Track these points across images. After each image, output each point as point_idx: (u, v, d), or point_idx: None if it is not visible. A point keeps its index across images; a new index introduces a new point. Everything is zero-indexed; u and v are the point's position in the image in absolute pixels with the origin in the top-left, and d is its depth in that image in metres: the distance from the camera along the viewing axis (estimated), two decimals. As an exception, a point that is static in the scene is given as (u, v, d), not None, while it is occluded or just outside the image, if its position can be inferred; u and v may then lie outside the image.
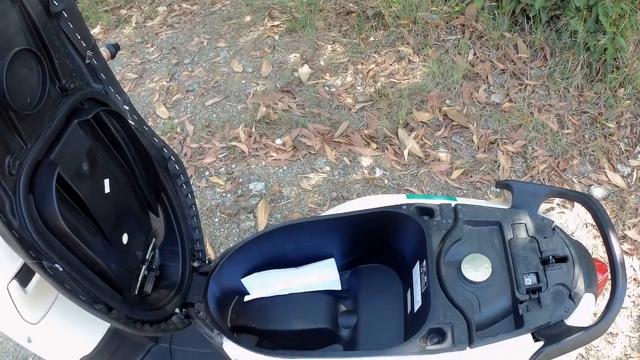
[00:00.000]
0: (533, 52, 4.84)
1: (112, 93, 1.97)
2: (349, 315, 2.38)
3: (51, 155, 1.58)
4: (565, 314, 1.83)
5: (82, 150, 1.75)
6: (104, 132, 1.91)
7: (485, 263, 1.96)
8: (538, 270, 1.91)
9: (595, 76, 4.63)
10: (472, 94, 4.52)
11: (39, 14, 1.62)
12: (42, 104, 1.55)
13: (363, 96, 4.48)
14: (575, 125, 4.40)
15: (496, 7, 4.93)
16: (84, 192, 1.68)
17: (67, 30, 1.75)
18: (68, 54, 1.79)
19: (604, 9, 4.33)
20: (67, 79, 1.74)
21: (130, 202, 2.04)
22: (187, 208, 2.35)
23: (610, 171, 4.14)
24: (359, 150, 4.06)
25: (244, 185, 3.93)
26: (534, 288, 1.87)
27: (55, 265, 1.51)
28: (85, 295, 1.61)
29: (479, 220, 2.11)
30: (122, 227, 1.94)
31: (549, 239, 2.00)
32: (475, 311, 1.87)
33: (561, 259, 1.95)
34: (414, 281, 2.17)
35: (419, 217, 2.16)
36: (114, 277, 1.80)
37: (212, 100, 4.56)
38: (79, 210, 1.70)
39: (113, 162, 1.96)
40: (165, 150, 2.23)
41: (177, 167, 2.29)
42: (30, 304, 1.67)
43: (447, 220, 2.12)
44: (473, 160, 4.10)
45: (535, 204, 2.14)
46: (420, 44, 4.87)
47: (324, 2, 5.35)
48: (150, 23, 5.62)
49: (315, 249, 2.45)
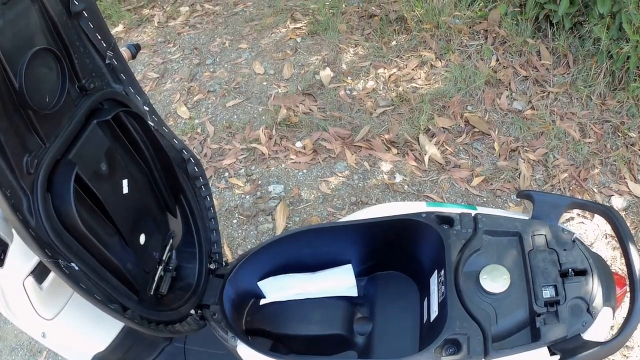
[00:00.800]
0: (556, 59, 4.82)
1: (132, 94, 1.98)
2: (364, 322, 2.37)
3: (70, 155, 1.59)
4: (583, 328, 1.82)
5: (101, 151, 1.76)
6: (123, 132, 1.92)
7: (504, 274, 1.95)
8: (557, 282, 1.90)
9: (618, 84, 4.60)
10: (494, 100, 4.50)
11: (59, 13, 1.63)
12: (61, 103, 1.56)
13: (384, 100, 4.47)
14: (597, 134, 4.37)
15: (519, 13, 4.91)
16: (101, 192, 1.70)
17: (88, 30, 1.76)
18: (88, 53, 1.79)
19: (627, 17, 4.30)
20: (87, 78, 1.75)
21: (148, 203, 2.05)
22: (205, 210, 2.36)
23: (631, 181, 4.11)
24: (379, 155, 4.05)
25: (263, 187, 3.93)
26: (552, 301, 1.86)
27: (72, 264, 1.52)
28: (100, 295, 1.62)
29: (499, 230, 2.10)
30: (140, 228, 1.96)
31: (568, 251, 1.98)
32: (492, 323, 1.87)
33: (580, 272, 1.93)
34: (432, 290, 2.16)
35: (438, 226, 2.15)
36: (130, 277, 1.81)
37: (233, 102, 4.56)
38: (97, 210, 1.72)
39: (132, 163, 1.97)
40: (185, 151, 2.23)
41: (196, 169, 2.29)
42: (46, 301, 1.70)
43: (466, 230, 2.11)
44: (494, 167, 4.08)
45: (555, 215, 2.12)
46: (443, 49, 4.86)
47: (346, 5, 5.35)
48: (172, 23, 5.63)
49: (332, 254, 2.45)
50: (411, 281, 2.46)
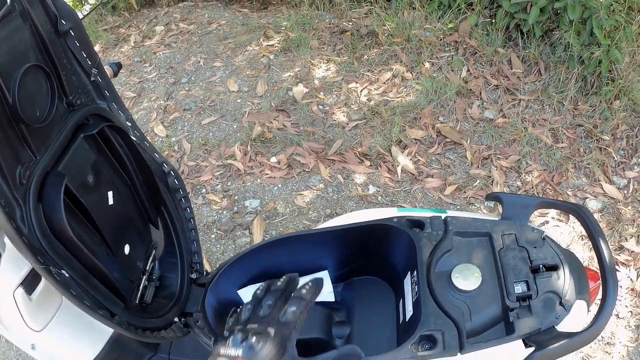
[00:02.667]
0: (527, 66, 4.87)
1: (115, 109, 2.01)
2: (342, 326, 2.39)
3: (59, 167, 1.62)
4: (556, 320, 1.86)
5: (88, 163, 1.80)
6: (108, 146, 1.95)
7: (475, 272, 1.98)
8: (528, 278, 1.93)
9: (590, 89, 4.66)
10: (465, 110, 4.55)
11: (48, 32, 1.67)
12: (50, 118, 1.60)
13: (357, 114, 4.50)
14: (570, 138, 4.42)
15: (490, 23, 4.97)
16: (89, 202, 1.72)
17: (74, 49, 1.79)
18: (74, 71, 1.83)
19: (598, 22, 4.36)
20: (74, 95, 1.78)
21: (131, 215, 2.07)
22: (186, 221, 2.39)
23: (606, 183, 4.16)
24: (352, 167, 4.09)
25: (239, 202, 3.95)
26: (524, 296, 1.89)
27: (62, 271, 1.54)
28: (89, 301, 1.64)
29: (469, 231, 2.14)
30: (124, 238, 1.98)
31: (539, 249, 2.03)
32: (466, 319, 1.90)
33: (551, 267, 1.97)
34: (406, 291, 2.19)
35: (409, 229, 2.18)
36: (116, 285, 1.83)
37: (208, 119, 4.58)
38: (84, 220, 1.74)
39: (116, 176, 2.00)
40: (165, 165, 2.26)
41: (176, 182, 2.32)
42: (35, 312, 1.71)
43: (437, 232, 2.15)
44: (467, 176, 4.12)
45: (525, 215, 2.17)
46: (414, 62, 4.90)
47: (318, 21, 5.39)
48: (148, 42, 5.66)
49: (309, 261, 2.47)
50: (386, 285, 2.49)
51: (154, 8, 6.28)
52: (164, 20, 5.98)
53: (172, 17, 6.01)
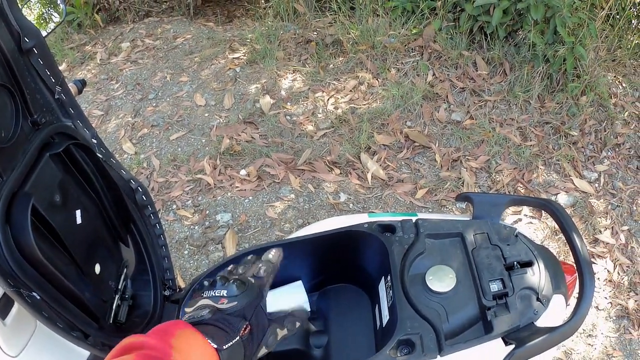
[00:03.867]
0: (492, 68, 4.91)
1: (80, 127, 1.99)
2: (319, 336, 2.37)
3: (25, 187, 1.59)
4: (535, 316, 1.86)
5: (55, 182, 1.77)
6: (74, 164, 1.93)
7: (450, 274, 1.98)
8: (503, 276, 1.93)
9: (556, 86, 4.71)
10: (432, 114, 4.57)
11: (12, 50, 1.64)
12: (15, 138, 1.57)
13: (324, 123, 4.51)
14: (538, 136, 4.46)
15: (453, 27, 5.00)
16: (57, 222, 1.69)
17: (37, 67, 1.77)
18: (38, 89, 1.80)
19: (561, 20, 4.40)
20: (38, 113, 1.75)
21: (101, 233, 2.05)
22: (156, 238, 2.37)
23: (577, 178, 4.21)
24: (322, 176, 4.09)
25: (211, 216, 3.94)
26: (500, 294, 1.90)
27: (33, 293, 1.51)
28: (62, 323, 1.61)
29: (441, 233, 2.14)
30: (94, 258, 1.95)
31: (512, 246, 2.03)
32: (443, 321, 1.89)
33: (526, 263, 1.98)
34: (381, 296, 2.19)
35: (381, 234, 2.18)
36: (89, 305, 1.81)
37: (176, 135, 4.57)
38: (53, 240, 1.71)
39: (83, 194, 1.97)
40: (133, 181, 2.24)
41: (144, 198, 2.30)
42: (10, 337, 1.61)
43: (408, 235, 2.15)
44: (437, 178, 4.14)
45: (496, 213, 2.18)
46: (379, 68, 4.93)
47: (282, 32, 5.40)
48: (114, 59, 5.64)
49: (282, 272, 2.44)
50: (361, 291, 2.48)
51: (119, 25, 6.26)
52: (129, 36, 5.96)
53: (137, 33, 6.00)
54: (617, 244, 3.93)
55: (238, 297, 1.35)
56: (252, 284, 1.42)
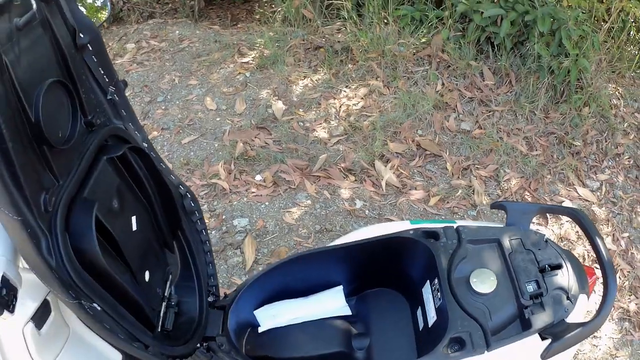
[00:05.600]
0: (499, 78, 4.99)
1: (132, 130, 1.97)
2: (361, 338, 2.47)
3: (84, 193, 1.57)
4: (565, 313, 2.03)
5: (112, 187, 1.77)
6: (127, 168, 1.92)
7: (491, 276, 2.13)
8: (537, 278, 2.10)
9: (560, 98, 4.81)
10: (442, 123, 4.65)
11: (69, 45, 1.61)
12: (73, 139, 1.55)
13: (337, 130, 4.57)
14: (543, 146, 4.56)
15: (461, 37, 5.08)
16: (115, 229, 1.69)
17: (91, 64, 1.74)
18: (92, 88, 1.77)
19: (567, 33, 4.51)
20: (93, 114, 1.72)
21: (150, 240, 2.07)
22: (201, 244, 2.38)
23: (580, 187, 4.33)
24: (337, 183, 4.15)
25: (227, 221, 3.96)
26: (536, 294, 2.06)
27: (94, 304, 1.49)
28: (123, 334, 1.62)
29: (480, 239, 2.29)
30: (145, 265, 1.96)
31: (543, 250, 2.20)
32: (487, 319, 2.04)
33: (556, 266, 2.15)
34: (426, 299, 2.30)
35: (426, 240, 2.31)
36: (148, 314, 1.83)
37: (188, 138, 4.58)
38: (109, 248, 1.70)
39: (136, 200, 1.98)
40: (182, 187, 2.25)
41: (192, 204, 2.31)
42: (43, 348, 1.59)
43: (451, 241, 2.29)
44: (448, 186, 4.23)
45: (527, 220, 2.33)
46: (390, 77, 4.99)
47: (291, 38, 5.44)
48: (120, 60, 5.61)
49: (323, 277, 2.56)
50: (399, 295, 2.60)
51: (123, 25, 6.26)
52: (134, 37, 5.96)
53: (142, 34, 5.99)
54: (618, 250, 4.07)
55: None
56: None
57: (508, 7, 4.76)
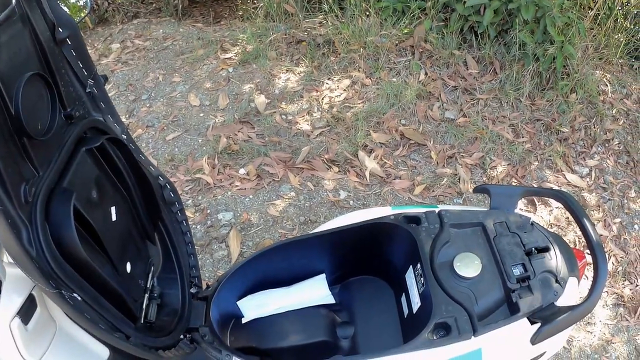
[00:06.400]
0: (483, 67, 4.98)
1: (111, 122, 1.97)
2: (346, 327, 2.45)
3: (64, 183, 1.57)
4: (555, 297, 2.00)
5: (91, 178, 1.76)
6: (106, 160, 1.91)
7: (475, 260, 2.09)
8: (524, 261, 2.07)
9: (546, 84, 4.79)
10: (426, 112, 4.63)
11: (47, 39, 1.62)
12: (52, 130, 1.55)
13: (320, 122, 4.55)
14: (530, 133, 4.54)
15: (444, 27, 5.06)
16: (95, 219, 1.68)
17: (70, 58, 1.75)
18: (71, 82, 1.78)
19: (551, 20, 4.49)
20: (72, 106, 1.73)
21: (131, 231, 2.05)
22: (182, 235, 2.37)
23: (569, 173, 4.30)
24: (321, 174, 4.13)
25: (212, 215, 3.95)
26: (522, 277, 2.02)
27: (74, 294, 1.49)
28: (104, 325, 1.61)
29: (463, 222, 2.25)
30: (126, 256, 1.95)
31: (529, 233, 2.16)
32: (473, 304, 2.00)
33: (543, 249, 2.12)
34: (409, 285, 2.27)
35: (407, 225, 2.28)
36: (129, 305, 1.82)
37: (172, 135, 4.57)
38: (89, 238, 1.69)
39: (116, 191, 1.97)
40: (161, 178, 2.24)
41: (172, 195, 2.30)
42: (31, 342, 1.58)
43: (434, 226, 2.25)
44: (433, 175, 4.21)
45: (511, 203, 2.30)
46: (372, 68, 4.98)
47: (273, 32, 5.41)
48: (105, 60, 5.61)
49: (306, 266, 2.53)
50: (383, 282, 2.58)
51: (108, 26, 6.24)
52: (119, 37, 5.94)
53: (127, 34, 5.98)
54: (610, 235, 4.05)
55: None
56: None
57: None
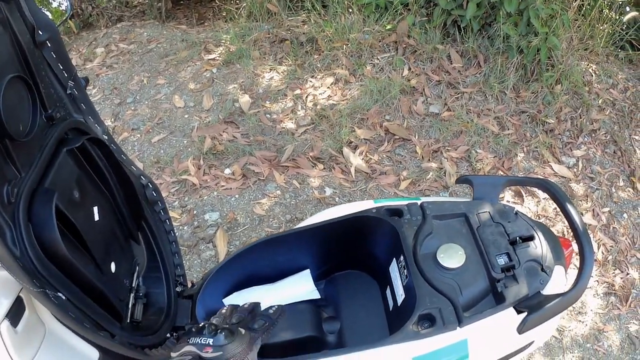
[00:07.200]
0: (467, 60, 4.98)
1: (92, 123, 1.97)
2: (332, 321, 2.44)
3: (45, 184, 1.58)
4: (541, 285, 1.99)
5: (73, 178, 1.76)
6: (88, 160, 1.92)
7: (459, 250, 2.08)
8: (508, 250, 2.06)
9: (531, 76, 4.80)
10: (410, 107, 4.63)
11: (28, 42, 1.63)
12: (33, 132, 1.56)
13: (304, 120, 4.55)
14: (515, 125, 4.54)
15: (427, 22, 5.05)
16: (77, 219, 1.68)
17: (50, 60, 1.76)
18: (51, 83, 1.79)
19: (535, 12, 4.49)
20: (53, 108, 1.74)
21: (114, 231, 2.05)
22: (166, 234, 2.37)
23: (555, 164, 4.31)
24: (306, 172, 4.13)
25: (199, 216, 3.95)
26: (507, 266, 2.01)
27: (58, 293, 1.49)
28: (89, 323, 1.60)
29: (446, 214, 2.24)
30: (110, 256, 1.94)
31: (513, 223, 2.15)
32: (458, 294, 1.99)
33: (528, 238, 2.11)
34: (393, 277, 2.27)
35: (389, 218, 2.26)
36: (114, 304, 1.82)
37: (158, 137, 4.56)
38: (72, 238, 1.70)
39: (98, 191, 1.97)
40: (143, 177, 2.24)
41: (154, 194, 2.30)
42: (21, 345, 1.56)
43: (416, 218, 2.24)
44: (419, 170, 4.20)
45: (495, 193, 2.30)
46: (355, 65, 4.97)
47: (257, 32, 5.41)
48: (90, 65, 5.60)
49: (290, 262, 2.52)
50: (368, 276, 2.57)
51: (92, 30, 6.23)
52: (103, 41, 5.93)
53: (111, 38, 5.97)
54: (599, 225, 4.05)
55: (225, 347, 1.33)
56: (242, 335, 1.39)
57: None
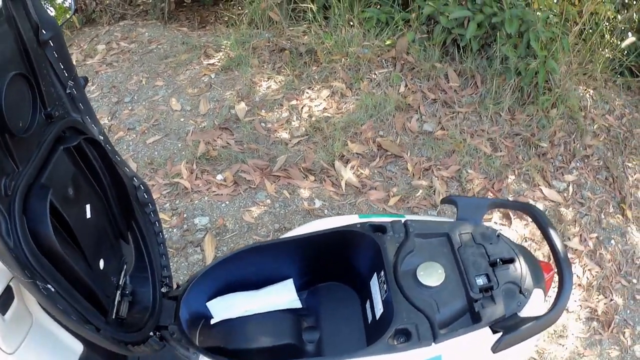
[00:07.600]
0: (464, 80, 5.00)
1: (89, 123, 2.00)
2: (312, 331, 2.48)
3: (42, 179, 1.61)
4: (518, 307, 2.03)
5: (68, 176, 1.80)
6: (83, 159, 1.95)
7: (439, 269, 2.12)
8: (488, 271, 2.09)
9: (527, 99, 4.82)
10: (404, 124, 4.65)
11: (31, 40, 1.66)
12: (33, 128, 1.59)
13: (299, 131, 4.56)
14: (508, 147, 4.56)
15: (427, 39, 5.08)
16: (70, 216, 1.72)
17: (52, 59, 1.79)
18: (52, 82, 1.82)
19: (535, 34, 4.52)
20: (52, 106, 1.77)
21: (105, 229, 2.07)
22: (155, 236, 2.40)
23: (546, 187, 4.34)
24: (297, 183, 4.15)
25: (189, 220, 3.97)
26: (486, 287, 2.05)
27: (48, 285, 1.52)
28: (76, 316, 1.64)
29: (428, 232, 2.28)
30: (100, 253, 1.97)
31: (494, 245, 2.19)
32: (435, 312, 2.02)
33: (508, 260, 2.14)
34: (373, 291, 2.30)
35: (373, 234, 2.30)
36: (101, 299, 1.85)
37: (153, 138, 4.58)
38: (64, 234, 1.73)
39: (91, 189, 2.00)
40: (135, 179, 2.28)
41: (145, 196, 2.33)
42: (7, 333, 1.63)
43: (399, 235, 2.28)
44: (409, 187, 4.23)
45: (479, 215, 2.33)
46: (353, 78, 4.99)
47: (257, 40, 5.42)
48: (90, 61, 5.60)
49: (274, 270, 2.56)
50: (349, 289, 2.61)
51: (94, 26, 6.25)
52: (105, 38, 5.95)
53: (113, 35, 5.99)
54: (585, 250, 4.08)
55: None
56: None
57: (475, 9, 4.77)
